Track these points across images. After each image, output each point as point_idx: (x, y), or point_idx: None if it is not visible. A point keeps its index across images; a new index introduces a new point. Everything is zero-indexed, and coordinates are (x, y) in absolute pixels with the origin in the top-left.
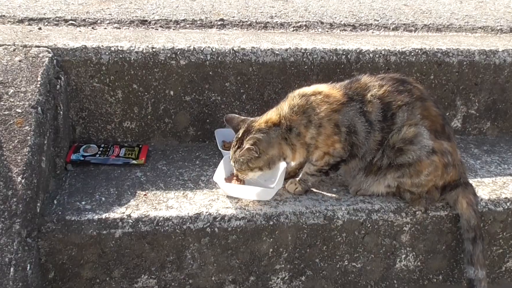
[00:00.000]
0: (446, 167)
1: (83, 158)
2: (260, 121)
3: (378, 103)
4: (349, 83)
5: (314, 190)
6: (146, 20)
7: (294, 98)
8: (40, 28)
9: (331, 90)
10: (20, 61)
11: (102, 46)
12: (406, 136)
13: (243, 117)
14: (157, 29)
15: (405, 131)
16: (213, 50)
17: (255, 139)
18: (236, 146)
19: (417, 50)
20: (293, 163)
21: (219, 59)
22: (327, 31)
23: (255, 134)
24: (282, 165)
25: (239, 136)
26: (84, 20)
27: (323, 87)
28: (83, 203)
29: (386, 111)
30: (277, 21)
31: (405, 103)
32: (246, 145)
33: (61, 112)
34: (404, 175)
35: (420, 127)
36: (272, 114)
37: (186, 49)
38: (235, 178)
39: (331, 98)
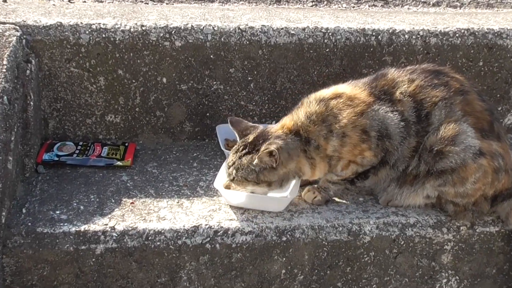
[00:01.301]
0: (497, 173)
1: (57, 159)
2: (276, 126)
3: (409, 102)
4: (374, 80)
5: (337, 199)
6: None
7: (310, 104)
8: (5, 1)
9: (353, 90)
10: None
11: (81, 23)
12: (445, 134)
13: (252, 124)
14: (147, 3)
15: (443, 129)
16: (215, 29)
17: (277, 144)
18: (245, 150)
19: (463, 31)
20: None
21: (222, 39)
22: (353, 7)
23: (275, 140)
24: None
25: (249, 140)
26: None
27: (344, 88)
28: (58, 212)
29: (420, 110)
30: None
31: (441, 99)
32: (268, 147)
33: (32, 103)
34: (446, 183)
35: (462, 123)
36: (287, 121)
37: (182, 27)
38: None
39: (355, 100)
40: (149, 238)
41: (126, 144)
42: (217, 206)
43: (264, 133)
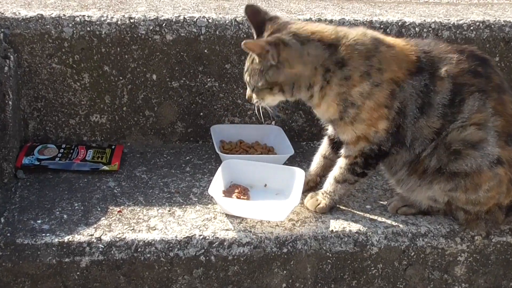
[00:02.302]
0: None
1: (38, 163)
2: (303, 26)
3: (449, 83)
4: (428, 45)
5: (342, 207)
6: None
7: (365, 35)
8: None
9: (405, 45)
10: None
11: (64, 15)
12: (469, 138)
13: (272, 14)
14: None
15: (470, 132)
16: (210, 21)
17: (277, 39)
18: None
19: (477, 23)
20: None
21: (217, 33)
22: None
23: (284, 36)
24: (299, 175)
25: (264, 38)
26: None
27: (397, 41)
28: (39, 221)
29: (455, 94)
30: None
31: (479, 90)
32: (261, 41)
33: (10, 102)
34: (458, 188)
35: (488, 131)
36: (326, 29)
37: (174, 19)
38: (237, 191)
39: (403, 58)
40: (138, 250)
41: (113, 147)
42: (212, 215)
43: (281, 28)
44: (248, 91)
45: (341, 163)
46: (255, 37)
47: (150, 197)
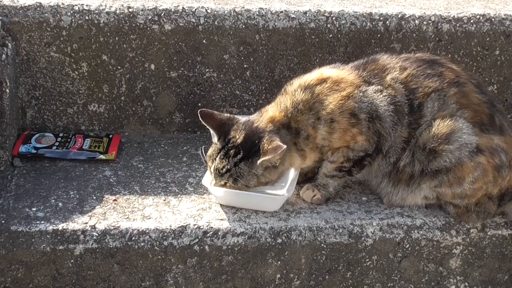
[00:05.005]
0: (499, 170)
1: (35, 151)
2: (263, 120)
3: (401, 89)
4: (363, 64)
5: (337, 198)
6: None
7: (295, 92)
8: None
9: (340, 73)
10: None
11: (63, 4)
12: (439, 132)
13: (227, 115)
14: None
15: (437, 126)
16: (208, 11)
17: (278, 141)
18: (239, 154)
19: (478, 16)
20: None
21: (216, 23)
22: None
23: (273, 136)
24: None
25: (239, 140)
26: None
27: (330, 72)
28: (34, 209)
29: (412, 100)
30: None
31: (434, 90)
32: (278, 145)
33: (7, 90)
34: (442, 184)
35: (458, 119)
36: (276, 113)
37: (172, 9)
38: None
39: (341, 84)
40: (133, 239)
41: (110, 136)
42: (207, 205)
43: (255, 130)
44: (216, 182)
45: (326, 165)
46: (215, 139)
47: (146, 186)
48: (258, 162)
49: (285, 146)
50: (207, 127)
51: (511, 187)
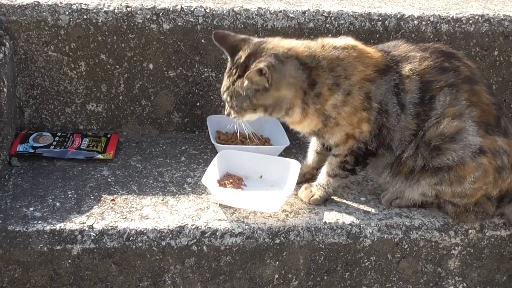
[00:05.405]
0: (500, 172)
1: (33, 150)
2: (278, 44)
3: (417, 81)
4: (387, 47)
5: (336, 199)
6: None
7: (324, 47)
8: None
9: (366, 47)
10: None
11: (61, 3)
12: (446, 131)
13: (243, 36)
14: None
15: (445, 125)
16: (207, 11)
17: (268, 62)
18: (236, 73)
19: (477, 17)
20: (298, 128)
21: (215, 23)
22: None
23: (269, 58)
24: (295, 167)
25: (241, 60)
26: None
27: (356, 42)
28: (32, 209)
29: (425, 92)
30: None
31: (448, 85)
32: (257, 65)
33: (5, 89)
34: (443, 182)
35: (465, 120)
36: (298, 45)
37: (171, 9)
38: (231, 182)
39: (367, 58)
40: (130, 239)
41: (109, 136)
42: (205, 205)
43: (259, 50)
44: (228, 108)
45: (331, 160)
46: (228, 59)
47: (144, 186)
48: (240, 81)
49: (266, 69)
50: (221, 49)
51: (511, 189)
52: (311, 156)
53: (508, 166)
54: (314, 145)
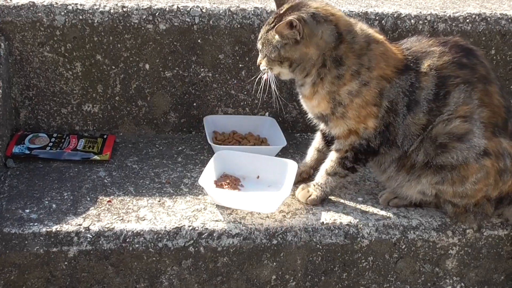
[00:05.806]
0: (502, 174)
1: (28, 152)
2: (323, 7)
3: (434, 77)
4: (410, 42)
5: (333, 199)
6: None
7: (362, 30)
8: None
9: (391, 45)
10: None
11: (56, 3)
12: (454, 131)
13: None
14: None
15: (455, 124)
16: (203, 10)
17: (299, 16)
18: (272, 23)
19: (474, 16)
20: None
21: (211, 22)
22: None
23: (304, 14)
24: (292, 167)
25: (281, 11)
26: None
27: (381, 36)
28: (28, 211)
29: (440, 88)
30: None
31: (464, 82)
32: (289, 17)
33: (0, 90)
34: (445, 181)
35: (474, 123)
36: (341, 15)
37: (167, 9)
38: (228, 182)
39: (390, 58)
40: (127, 240)
41: (105, 136)
42: (202, 206)
43: (301, 5)
44: (260, 57)
45: (332, 156)
46: (275, 8)
47: (140, 187)
48: (271, 32)
49: (296, 21)
50: None
51: (511, 192)
52: (311, 153)
53: (511, 169)
54: (316, 142)
